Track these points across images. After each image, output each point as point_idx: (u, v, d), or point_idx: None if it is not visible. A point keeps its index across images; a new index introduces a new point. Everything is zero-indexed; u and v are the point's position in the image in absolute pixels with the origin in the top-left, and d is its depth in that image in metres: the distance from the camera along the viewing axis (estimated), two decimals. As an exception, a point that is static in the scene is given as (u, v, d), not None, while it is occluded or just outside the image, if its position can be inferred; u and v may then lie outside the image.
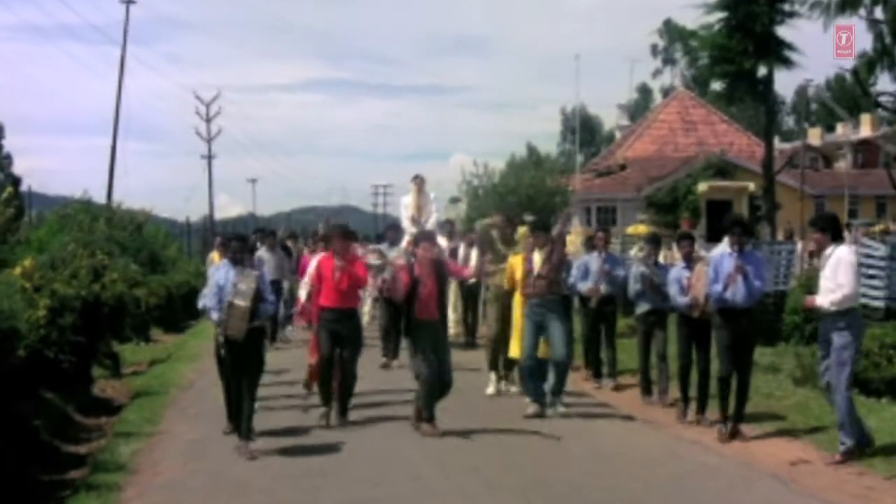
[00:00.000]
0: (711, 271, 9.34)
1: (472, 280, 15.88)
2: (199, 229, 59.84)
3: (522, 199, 32.79)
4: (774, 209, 23.18)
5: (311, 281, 10.35)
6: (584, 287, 12.34)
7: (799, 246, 22.50)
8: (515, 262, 10.62)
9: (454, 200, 42.80)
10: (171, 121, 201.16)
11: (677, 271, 10.16)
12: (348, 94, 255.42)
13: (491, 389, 11.60)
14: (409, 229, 15.51)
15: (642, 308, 11.27)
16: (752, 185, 33.76)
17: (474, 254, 15.17)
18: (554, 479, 7.79)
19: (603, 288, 12.27)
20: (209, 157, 59.26)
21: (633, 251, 15.12)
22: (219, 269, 9.09)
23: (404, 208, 16.13)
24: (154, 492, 7.69)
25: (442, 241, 14.14)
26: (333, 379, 9.87)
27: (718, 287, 9.19)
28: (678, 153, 39.87)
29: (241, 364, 8.71)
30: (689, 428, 9.90)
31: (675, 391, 10.70)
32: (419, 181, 15.80)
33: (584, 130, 60.75)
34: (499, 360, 11.54)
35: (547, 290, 10.15)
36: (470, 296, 15.82)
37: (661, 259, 12.07)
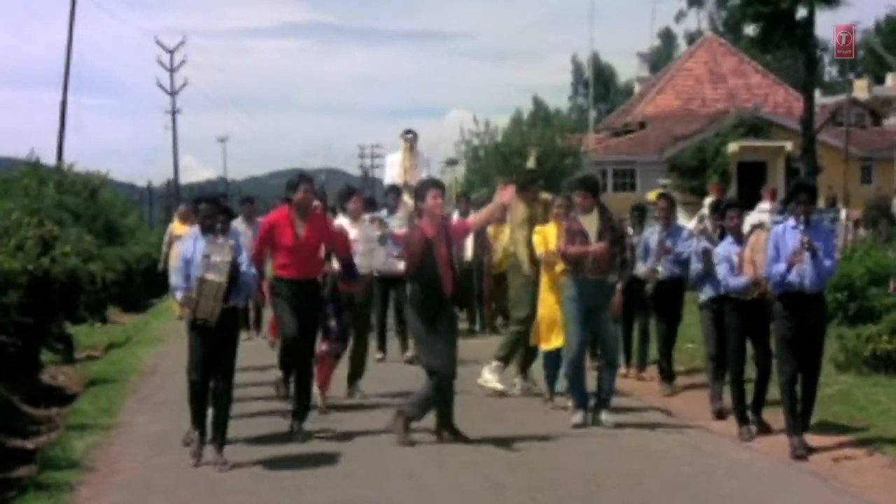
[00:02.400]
0: (771, 248, 8.68)
1: (469, 257, 15.86)
2: (163, 195, 59.76)
3: (529, 160, 32.60)
4: (815, 172, 23.27)
5: (256, 250, 9.44)
6: (642, 269, 11.53)
7: (843, 214, 22.52)
8: (546, 232, 10.17)
9: (451, 163, 42.66)
10: (129, 72, 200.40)
11: (726, 247, 9.45)
12: (331, 40, 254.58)
13: (516, 390, 11.10)
14: None
15: (708, 293, 10.34)
16: (789, 146, 33.80)
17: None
18: (566, 478, 7.81)
19: (661, 269, 11.42)
20: (173, 113, 59.19)
21: (693, 222, 13.97)
22: (185, 239, 8.79)
23: (390, 167, 15.86)
24: (113, 492, 7.69)
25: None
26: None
27: (781, 267, 8.53)
28: (705, 109, 39.76)
29: (211, 355, 8.28)
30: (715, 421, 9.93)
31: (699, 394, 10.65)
32: (411, 137, 15.56)
33: (598, 83, 60.62)
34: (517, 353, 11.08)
35: (608, 268, 9.52)
36: (467, 275, 15.47)
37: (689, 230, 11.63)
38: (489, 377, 11.02)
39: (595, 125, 43.54)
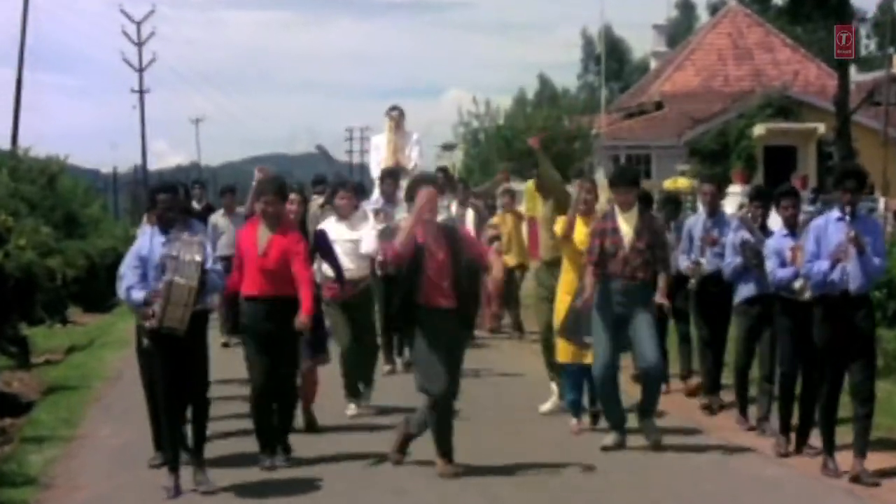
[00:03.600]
0: (811, 243, 8.42)
1: None
2: (129, 182, 59.69)
3: (534, 144, 32.59)
4: (850, 157, 23.23)
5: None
6: (684, 263, 11.02)
7: (881, 203, 22.55)
8: (559, 223, 9.89)
9: (448, 147, 42.67)
10: (92, 46, 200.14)
11: (778, 240, 9.19)
12: (316, 11, 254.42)
13: (548, 405, 10.74)
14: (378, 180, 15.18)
15: (745, 292, 10.00)
16: (821, 128, 33.72)
17: (471, 217, 15.06)
18: (574, 496, 7.83)
19: (706, 262, 10.84)
20: (141, 92, 59.12)
21: (730, 209, 13.59)
22: (143, 234, 8.58)
23: (374, 151, 15.49)
24: (73, 510, 7.68)
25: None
26: (270, 412, 8.88)
27: (823, 265, 8.26)
28: (728, 87, 39.68)
29: (181, 368, 8.02)
30: (743, 433, 9.90)
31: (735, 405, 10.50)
32: (396, 115, 15.09)
33: (610, 58, 60.53)
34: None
35: (643, 272, 9.16)
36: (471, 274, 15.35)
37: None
38: (548, 406, 10.77)
39: (607, 105, 43.42)
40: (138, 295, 8.09)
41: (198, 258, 7.83)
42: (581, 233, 9.60)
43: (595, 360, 9.27)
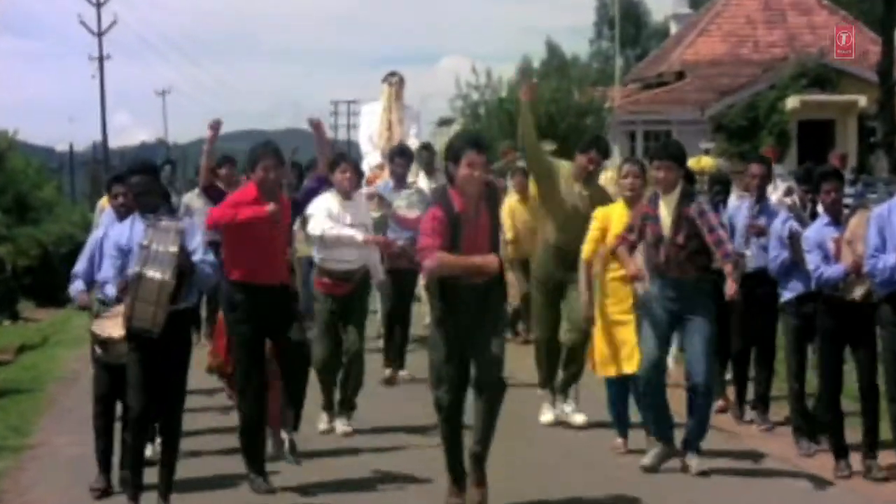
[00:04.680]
0: (874, 234, 8.28)
1: None
2: (88, 161, 59.65)
3: (541, 119, 32.57)
4: (894, 133, 23.21)
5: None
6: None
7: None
8: (610, 216, 9.56)
9: (445, 123, 42.64)
10: (45, 6, 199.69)
11: (819, 230, 9.00)
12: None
13: (548, 416, 10.63)
14: (369, 154, 15.03)
15: (792, 291, 9.74)
16: (862, 100, 33.74)
17: None
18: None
19: (750, 256, 10.48)
20: (101, 59, 59.15)
21: (777, 194, 12.91)
22: (114, 222, 8.52)
23: (367, 122, 15.37)
24: (24, 528, 7.69)
25: (421, 181, 13.72)
26: (266, 416, 8.73)
27: (890, 260, 8.15)
28: (758, 54, 39.65)
29: (154, 380, 7.83)
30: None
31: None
32: (396, 81, 15.06)
33: (626, 22, 60.44)
34: (554, 371, 10.56)
35: (690, 267, 8.80)
36: None
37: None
38: (548, 416, 10.65)
39: (622, 76, 43.45)
40: (79, 288, 8.16)
41: (173, 249, 7.61)
42: (622, 221, 9.27)
43: (641, 361, 9.00)
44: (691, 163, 10.13)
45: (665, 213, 8.81)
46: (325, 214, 10.13)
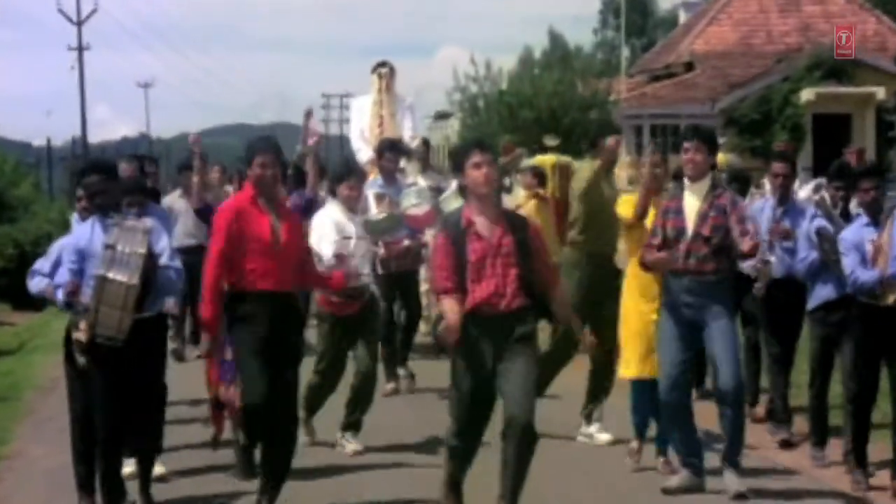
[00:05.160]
0: None
1: None
2: (67, 157, 59.69)
3: (543, 113, 32.59)
4: (914, 128, 23.22)
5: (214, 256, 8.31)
6: (748, 262, 10.03)
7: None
8: (631, 201, 9.38)
9: (441, 116, 42.63)
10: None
11: (856, 231, 8.80)
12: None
13: (605, 435, 10.28)
14: (361, 150, 14.86)
15: (823, 294, 9.49)
16: (881, 93, 33.74)
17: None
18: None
19: (775, 262, 10.25)
20: (80, 50, 59.04)
21: (806, 190, 12.71)
22: (79, 223, 8.35)
23: (357, 116, 15.20)
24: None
25: (419, 179, 13.57)
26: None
27: None
28: (771, 45, 39.61)
29: (126, 390, 7.73)
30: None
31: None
32: (386, 72, 14.89)
33: (632, 11, 60.40)
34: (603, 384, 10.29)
35: (710, 264, 8.55)
36: None
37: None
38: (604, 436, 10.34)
39: (628, 67, 43.44)
40: (41, 284, 8.05)
41: (140, 249, 7.51)
42: (651, 216, 9.09)
43: (661, 375, 8.74)
44: None
45: (690, 204, 8.56)
46: (331, 228, 9.90)
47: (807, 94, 34.59)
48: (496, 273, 7.39)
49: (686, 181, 8.65)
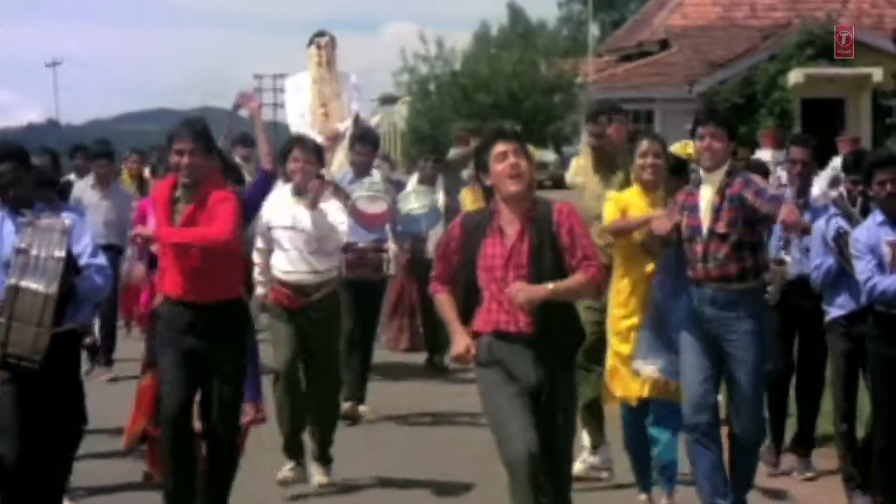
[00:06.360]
0: None
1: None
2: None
3: (501, 97, 32.55)
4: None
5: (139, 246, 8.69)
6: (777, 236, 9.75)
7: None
8: (625, 201, 8.85)
9: (388, 101, 42.47)
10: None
11: (872, 230, 8.43)
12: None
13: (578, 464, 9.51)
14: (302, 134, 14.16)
15: (842, 307, 9.12)
16: (877, 74, 33.96)
17: (442, 198, 13.58)
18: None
19: (792, 261, 9.85)
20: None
21: (818, 187, 12.25)
22: None
23: (293, 95, 14.64)
24: None
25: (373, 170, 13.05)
26: (196, 464, 8.17)
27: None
28: (756, 20, 39.75)
29: (37, 419, 7.49)
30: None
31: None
32: (326, 43, 14.23)
33: (601, -18, 60.53)
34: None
35: (732, 266, 8.10)
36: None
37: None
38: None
39: (596, 46, 43.48)
40: None
41: (58, 253, 7.20)
42: (640, 212, 8.66)
43: (685, 400, 8.30)
44: (676, 148, 9.55)
45: (706, 196, 8.16)
46: (271, 213, 9.66)
47: (795, 76, 34.71)
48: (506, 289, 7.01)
49: (702, 172, 8.25)
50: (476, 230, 7.11)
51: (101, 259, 7.66)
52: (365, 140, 12.45)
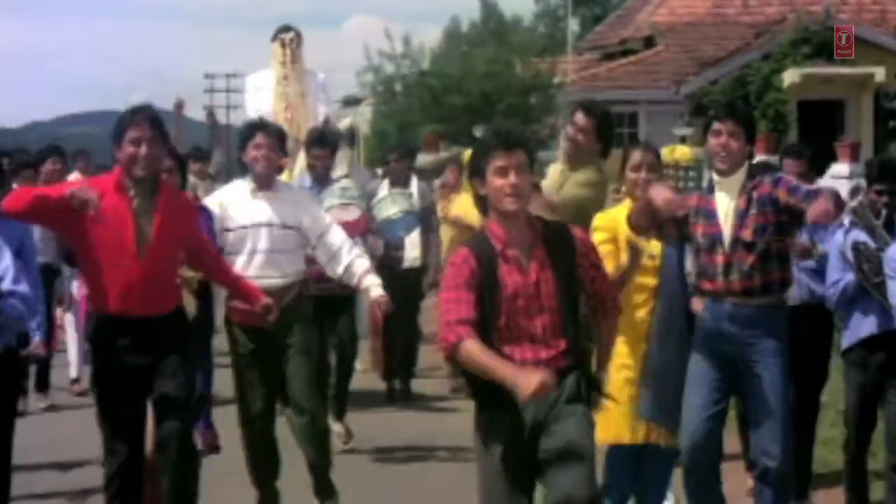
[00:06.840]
0: None
1: (414, 263, 14.68)
2: None
3: (473, 99, 32.45)
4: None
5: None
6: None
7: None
8: (616, 221, 8.43)
9: (351, 102, 42.33)
10: None
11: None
12: None
13: None
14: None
15: (860, 332, 9.20)
16: (880, 73, 33.86)
17: (418, 201, 13.85)
18: None
19: (796, 285, 9.51)
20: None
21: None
22: None
23: (253, 95, 14.67)
24: None
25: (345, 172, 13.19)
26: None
27: None
28: (748, 16, 40.04)
29: None
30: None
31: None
32: (290, 39, 14.38)
33: (580, -25, 60.55)
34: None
35: (757, 278, 7.98)
36: (411, 295, 14.42)
37: None
38: None
39: (576, 42, 43.34)
40: None
41: None
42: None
43: (684, 431, 8.19)
44: (664, 152, 9.48)
45: (723, 202, 7.98)
46: (229, 211, 9.42)
47: (791, 76, 34.60)
48: (532, 324, 6.62)
49: (715, 176, 8.07)
50: (488, 264, 6.61)
51: (22, 287, 7.73)
52: (322, 144, 12.24)
